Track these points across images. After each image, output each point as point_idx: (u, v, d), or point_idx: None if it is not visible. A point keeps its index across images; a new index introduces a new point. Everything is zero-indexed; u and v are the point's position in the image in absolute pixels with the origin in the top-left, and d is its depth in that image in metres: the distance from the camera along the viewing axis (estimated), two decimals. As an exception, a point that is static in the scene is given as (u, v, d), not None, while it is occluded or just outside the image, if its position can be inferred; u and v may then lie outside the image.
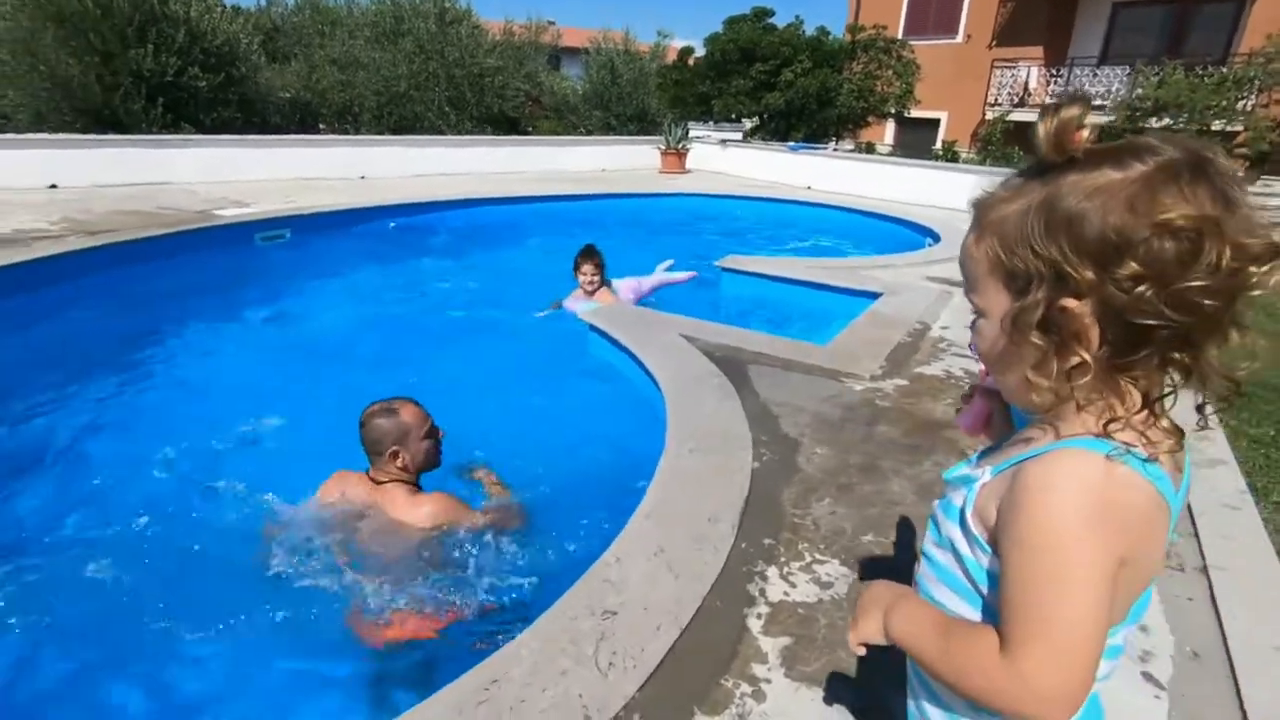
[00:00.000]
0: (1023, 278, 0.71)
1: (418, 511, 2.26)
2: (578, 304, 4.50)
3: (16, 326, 4.29)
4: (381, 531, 2.21)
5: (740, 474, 2.45)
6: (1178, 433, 0.72)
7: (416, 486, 2.36)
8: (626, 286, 4.98)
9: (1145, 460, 0.68)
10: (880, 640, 0.88)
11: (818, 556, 2.06)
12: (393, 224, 7.72)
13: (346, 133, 12.73)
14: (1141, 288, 0.64)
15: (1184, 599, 1.96)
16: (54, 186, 7.81)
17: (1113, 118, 12.69)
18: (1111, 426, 0.68)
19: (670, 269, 6.13)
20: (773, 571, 1.98)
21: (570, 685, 1.52)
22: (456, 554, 2.20)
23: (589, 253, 4.64)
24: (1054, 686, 0.67)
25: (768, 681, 1.60)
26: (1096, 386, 0.69)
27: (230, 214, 6.78)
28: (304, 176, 9.60)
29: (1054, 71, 16.82)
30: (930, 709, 0.89)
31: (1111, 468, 0.67)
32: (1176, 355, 0.67)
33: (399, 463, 2.28)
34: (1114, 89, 15.20)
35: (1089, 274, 0.66)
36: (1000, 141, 13.51)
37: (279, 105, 12.52)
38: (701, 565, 1.96)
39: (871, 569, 2.02)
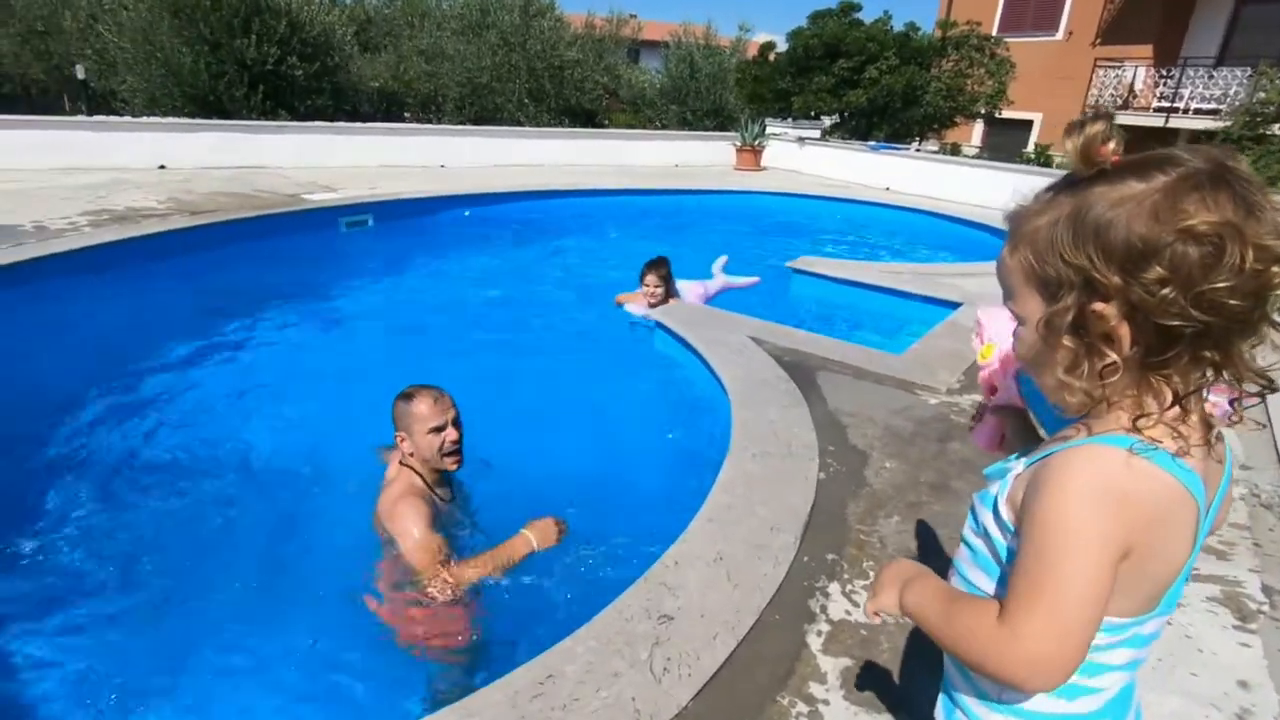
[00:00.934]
0: (1054, 284, 0.75)
1: (392, 512, 2.07)
2: (637, 308, 4.46)
3: (126, 296, 4.61)
4: (378, 513, 2.16)
5: (805, 484, 2.39)
6: (1207, 427, 0.75)
7: (427, 483, 2.19)
8: (691, 291, 4.89)
9: (1172, 456, 0.71)
10: (895, 611, 0.93)
11: (883, 576, 1.99)
12: (467, 213, 7.91)
13: (430, 122, 13.10)
14: (1167, 290, 0.67)
15: None
16: (163, 167, 8.35)
17: (1229, 123, 11.75)
18: (1141, 423, 0.72)
19: (728, 268, 6.00)
20: (835, 588, 1.92)
21: (623, 689, 1.52)
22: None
23: (655, 264, 4.50)
24: (1044, 653, 0.72)
25: (825, 703, 1.55)
26: (1128, 385, 0.74)
27: (318, 198, 7.09)
28: (388, 164, 9.95)
29: (1164, 72, 15.71)
30: (965, 700, 0.92)
31: (1131, 460, 0.71)
32: (1206, 353, 0.71)
33: (406, 448, 2.19)
34: (1232, 92, 14.08)
35: (1116, 279, 0.70)
36: (1099, 146, 12.72)
37: (368, 94, 12.99)
38: (761, 576, 1.92)
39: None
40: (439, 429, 2.15)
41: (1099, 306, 0.71)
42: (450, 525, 2.22)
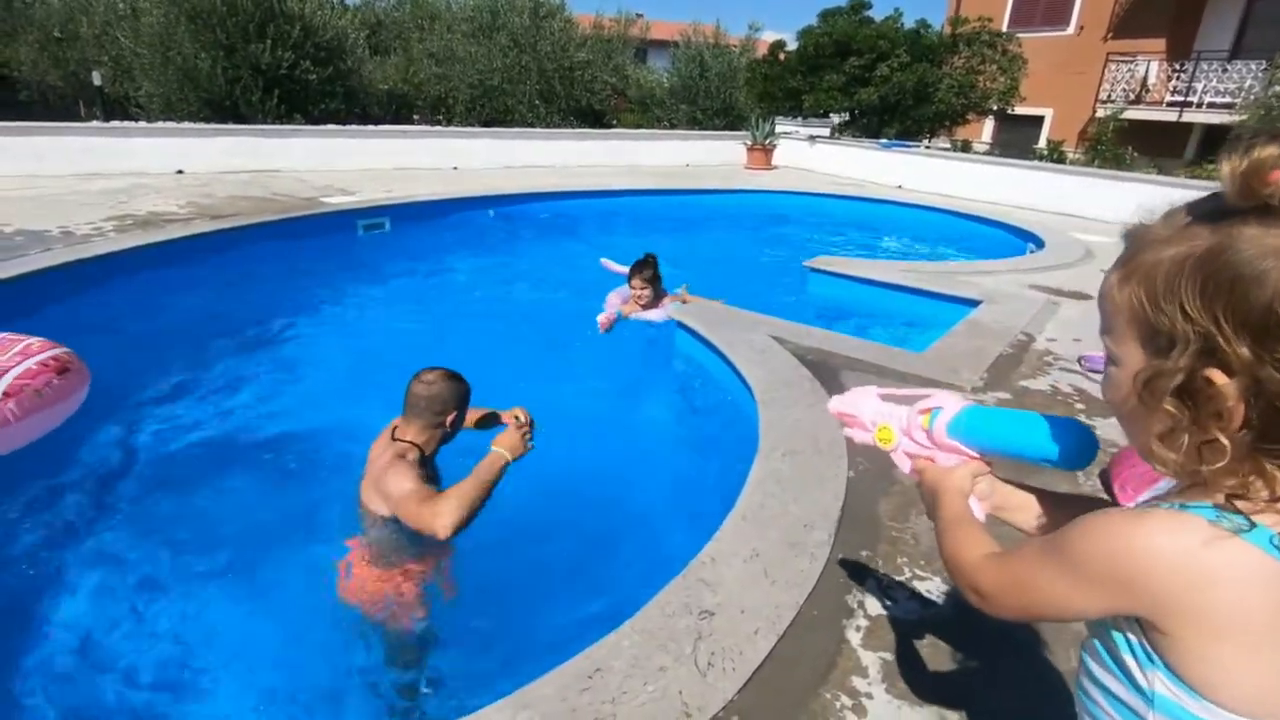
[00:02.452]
0: (1165, 337, 0.63)
1: (384, 474, 2.06)
2: (633, 312, 4.37)
3: (154, 301, 4.68)
4: (368, 482, 2.17)
5: (835, 482, 2.41)
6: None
7: (422, 459, 2.18)
8: (615, 298, 4.70)
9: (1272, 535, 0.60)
10: (926, 483, 1.00)
11: (919, 573, 2.01)
12: (492, 213, 7.96)
13: (440, 124, 13.18)
14: None
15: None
16: (180, 172, 8.45)
17: (1245, 116, 11.67)
18: (1240, 503, 0.62)
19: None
20: (872, 584, 1.95)
21: (669, 682, 1.55)
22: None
23: (640, 265, 4.33)
24: (994, 594, 0.82)
25: (869, 696, 1.58)
26: (1233, 469, 0.62)
27: (336, 201, 7.16)
28: (401, 166, 10.02)
29: (1177, 66, 15.59)
30: None
31: (1213, 531, 0.61)
32: None
33: (442, 428, 2.21)
34: (1247, 85, 13.96)
35: (1245, 350, 0.58)
36: (1112, 141, 12.61)
37: (378, 97, 13.09)
38: (798, 572, 1.94)
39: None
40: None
41: (1217, 377, 0.60)
42: None
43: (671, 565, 1.95)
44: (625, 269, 4.92)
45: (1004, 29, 15.52)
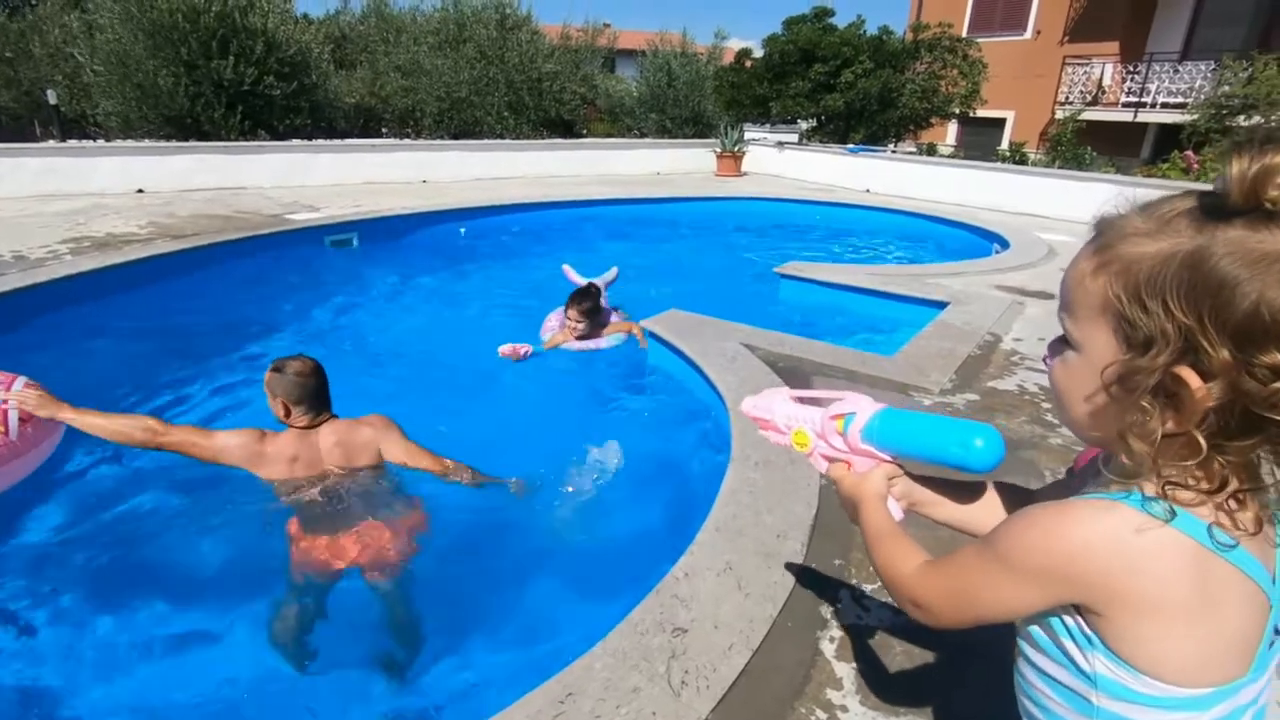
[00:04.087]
0: (1142, 333, 0.63)
1: (386, 431, 2.64)
2: (568, 342, 4.21)
3: (111, 325, 4.55)
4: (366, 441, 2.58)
5: (808, 490, 2.41)
6: (1258, 524, 0.65)
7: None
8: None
9: (1216, 532, 0.63)
10: (844, 490, 1.00)
11: (891, 579, 2.01)
12: (463, 230, 7.90)
13: (408, 137, 13.07)
14: None
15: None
16: (141, 191, 8.27)
17: (1195, 117, 12.02)
18: (1181, 493, 0.64)
19: (579, 270, 5.50)
20: (845, 594, 1.94)
21: (643, 704, 1.52)
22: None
23: (580, 296, 4.16)
24: (933, 606, 0.83)
25: (844, 709, 1.57)
26: (1191, 460, 0.63)
27: (301, 218, 7.05)
28: (369, 180, 9.92)
29: (1130, 68, 16.04)
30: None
31: (1144, 526, 0.63)
32: None
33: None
34: (1197, 85, 14.40)
35: (1225, 355, 0.58)
36: (1071, 141, 12.91)
37: (345, 111, 12.94)
38: (771, 584, 1.93)
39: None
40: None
41: (1191, 380, 0.60)
42: None
43: (644, 581, 1.93)
44: (582, 280, 4.87)
45: (964, 34, 15.84)
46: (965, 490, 1.04)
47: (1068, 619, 0.71)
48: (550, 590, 2.20)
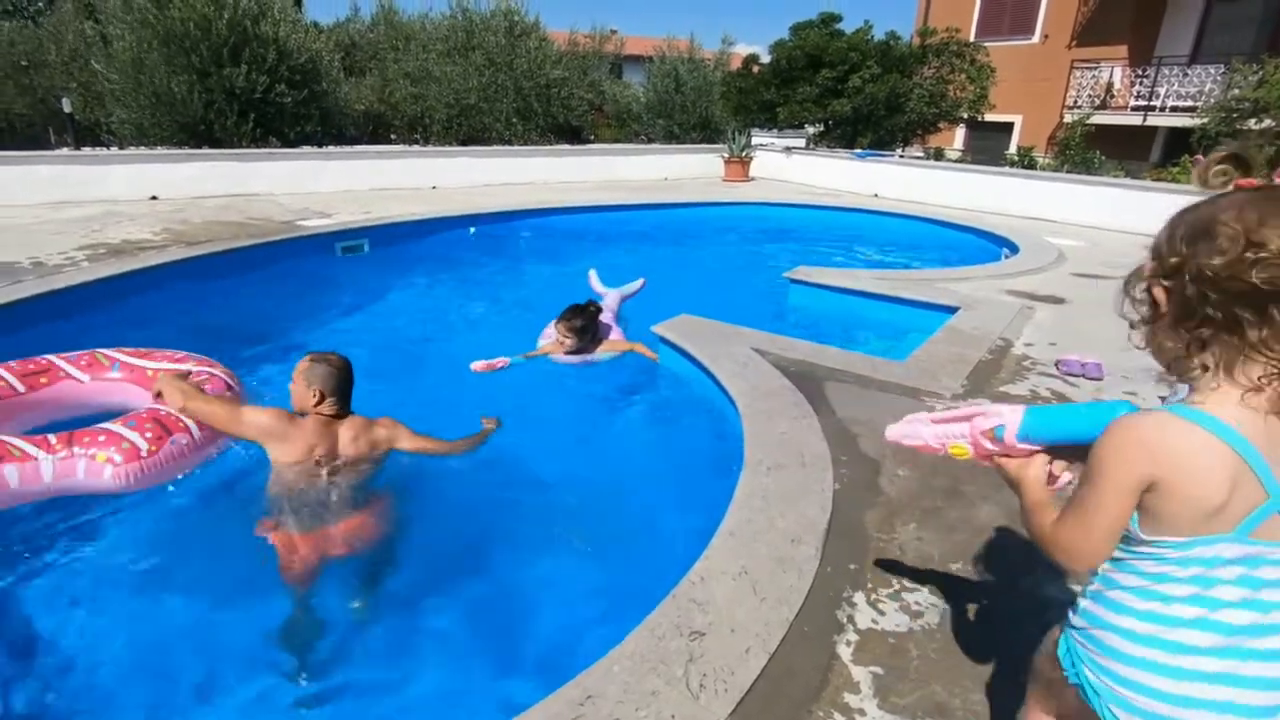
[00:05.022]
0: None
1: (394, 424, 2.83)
2: (560, 356, 4.14)
3: (126, 330, 4.60)
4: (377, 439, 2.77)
5: (821, 495, 2.42)
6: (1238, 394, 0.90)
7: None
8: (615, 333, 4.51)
9: (1209, 414, 0.90)
10: (1019, 475, 1.18)
11: (906, 584, 2.02)
12: (472, 230, 7.95)
13: (417, 144, 13.16)
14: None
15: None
16: (154, 198, 8.36)
17: (1206, 120, 11.96)
18: (1204, 398, 0.92)
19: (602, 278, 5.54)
20: (860, 598, 1.95)
21: (662, 706, 1.54)
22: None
23: (572, 312, 4.07)
24: (1070, 542, 1.02)
25: (861, 713, 1.58)
26: (1185, 360, 0.95)
27: (313, 225, 7.11)
28: (379, 187, 9.99)
29: (1139, 71, 15.99)
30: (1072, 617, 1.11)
31: (1164, 420, 0.92)
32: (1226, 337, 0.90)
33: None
34: (1207, 89, 14.34)
35: (1177, 257, 0.92)
36: (1080, 145, 12.87)
37: (354, 118, 13.04)
38: (787, 588, 1.94)
39: (962, 599, 1.96)
40: None
41: (1157, 291, 0.96)
42: None
43: (661, 585, 1.94)
44: (604, 288, 4.85)
45: (972, 39, 15.83)
46: None
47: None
48: (568, 594, 2.21)
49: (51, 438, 2.59)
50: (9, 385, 2.96)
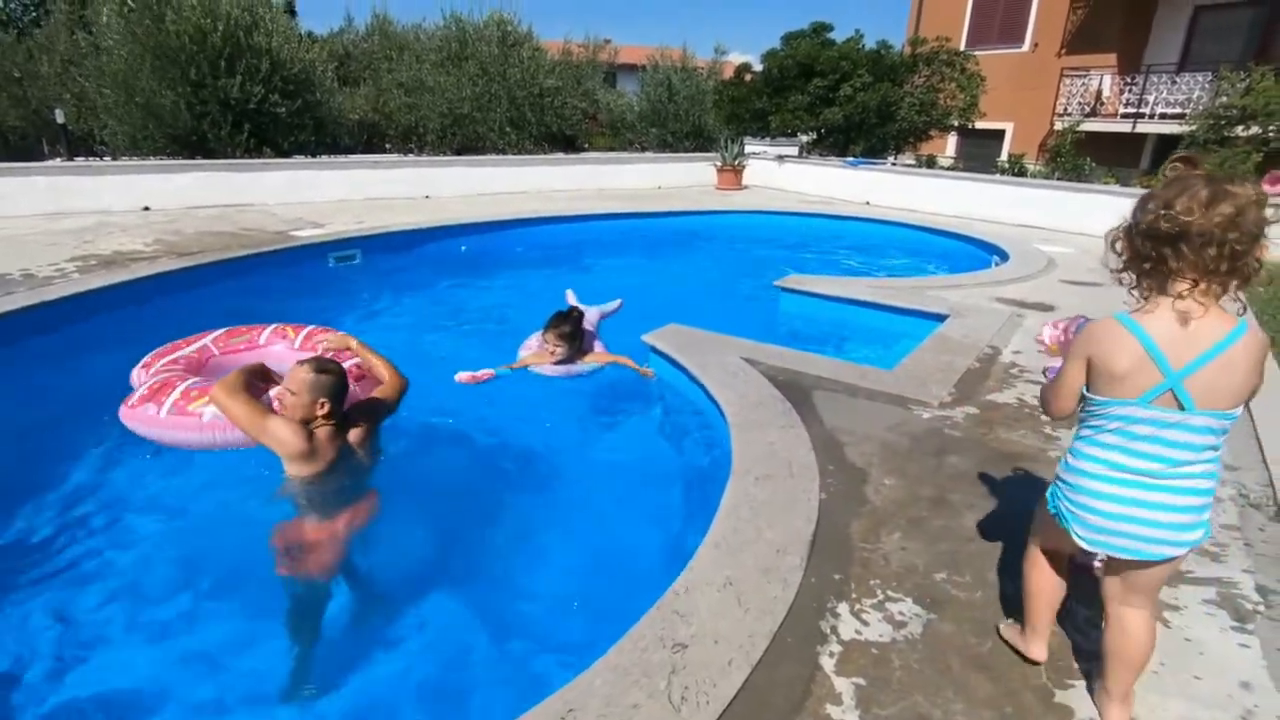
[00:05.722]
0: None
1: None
2: (546, 368, 4.03)
3: (117, 342, 4.59)
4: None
5: (808, 504, 2.43)
6: (1183, 319, 1.37)
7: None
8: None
9: (1130, 317, 1.43)
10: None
11: (890, 594, 2.02)
12: (464, 248, 7.95)
13: (412, 153, 13.19)
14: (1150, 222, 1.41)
15: None
16: (147, 209, 8.35)
17: (1194, 127, 12.07)
18: (1139, 309, 1.45)
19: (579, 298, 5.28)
20: (844, 608, 1.96)
21: None
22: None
23: (559, 319, 4.01)
24: (1048, 398, 1.63)
25: (843, 724, 1.58)
26: (1142, 289, 1.47)
27: (306, 234, 7.11)
28: (373, 197, 10.00)
29: (1129, 79, 16.13)
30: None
31: (1108, 320, 1.46)
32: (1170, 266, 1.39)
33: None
34: (1195, 97, 14.47)
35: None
36: (1071, 153, 12.97)
37: (349, 127, 13.08)
38: (771, 599, 1.95)
39: (945, 609, 1.97)
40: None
41: (1120, 241, 1.49)
42: None
43: (645, 596, 1.94)
44: (584, 308, 4.75)
45: (962, 48, 15.97)
46: None
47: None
48: (551, 606, 2.21)
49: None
50: (207, 349, 3.65)
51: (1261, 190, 1.38)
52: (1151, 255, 1.39)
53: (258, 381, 2.85)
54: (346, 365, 3.16)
